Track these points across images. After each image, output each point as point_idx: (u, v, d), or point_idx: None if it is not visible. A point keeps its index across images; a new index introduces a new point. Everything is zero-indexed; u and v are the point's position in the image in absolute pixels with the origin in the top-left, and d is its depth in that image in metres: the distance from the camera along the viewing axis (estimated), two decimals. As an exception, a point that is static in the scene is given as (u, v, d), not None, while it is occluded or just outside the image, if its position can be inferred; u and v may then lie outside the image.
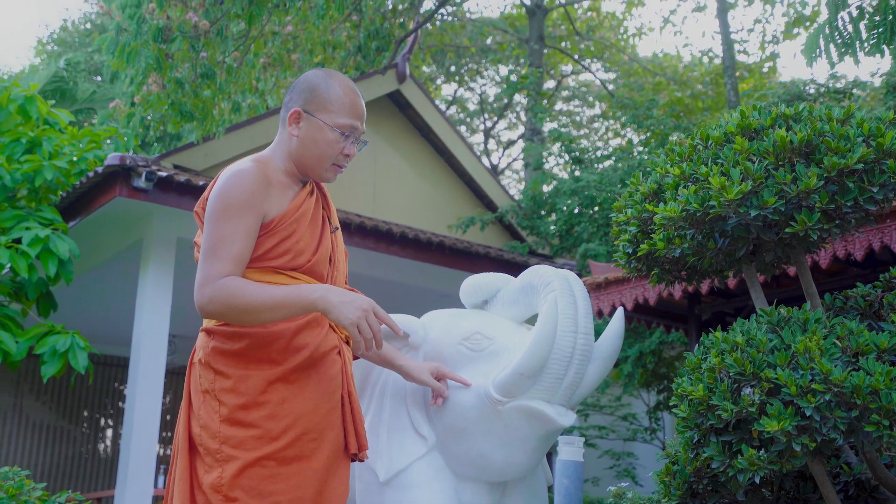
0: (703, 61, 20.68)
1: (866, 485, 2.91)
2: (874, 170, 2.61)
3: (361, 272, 9.48)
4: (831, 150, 2.59)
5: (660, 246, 2.83)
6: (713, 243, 2.80)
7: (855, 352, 2.47)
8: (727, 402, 2.44)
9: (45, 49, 23.11)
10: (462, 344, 3.05)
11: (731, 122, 2.79)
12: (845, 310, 3.02)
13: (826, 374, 2.31)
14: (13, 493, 4.50)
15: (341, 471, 2.55)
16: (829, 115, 2.75)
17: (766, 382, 2.40)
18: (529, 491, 3.23)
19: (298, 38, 10.44)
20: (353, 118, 2.60)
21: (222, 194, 2.46)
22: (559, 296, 2.90)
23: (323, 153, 2.59)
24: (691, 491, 2.86)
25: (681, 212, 2.69)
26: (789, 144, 2.62)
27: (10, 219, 7.63)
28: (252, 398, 2.42)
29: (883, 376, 2.31)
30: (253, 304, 2.36)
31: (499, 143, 24.66)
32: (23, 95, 8.21)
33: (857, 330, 2.50)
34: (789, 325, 2.53)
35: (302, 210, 2.57)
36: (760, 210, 2.58)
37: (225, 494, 2.37)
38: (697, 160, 2.79)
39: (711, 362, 2.52)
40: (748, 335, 2.52)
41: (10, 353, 7.12)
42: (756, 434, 2.44)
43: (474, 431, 2.95)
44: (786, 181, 2.58)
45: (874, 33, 4.04)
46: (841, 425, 2.32)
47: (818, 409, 2.32)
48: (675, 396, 2.66)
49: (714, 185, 2.59)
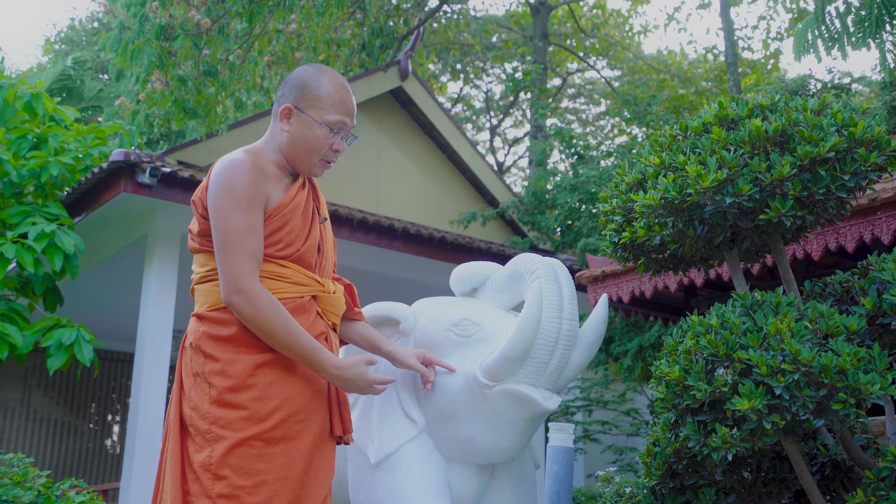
0: (708, 58, 20.71)
1: (842, 465, 2.99)
2: (846, 158, 2.68)
3: (364, 267, 9.58)
4: (804, 140, 2.67)
5: (641, 233, 2.92)
6: (692, 230, 2.88)
7: (825, 334, 2.55)
8: (701, 383, 2.52)
9: (52, 48, 23.24)
10: (451, 330, 3.13)
11: (710, 113, 2.87)
12: (823, 296, 3.10)
13: (795, 355, 2.39)
14: (18, 480, 4.60)
15: (326, 452, 2.64)
16: (805, 105, 2.83)
17: (738, 363, 2.48)
18: (517, 474, 3.32)
19: (302, 36, 10.53)
20: (343, 114, 2.68)
21: (227, 186, 2.54)
22: (544, 283, 2.98)
23: (312, 148, 2.67)
24: (671, 471, 2.94)
25: (660, 200, 2.77)
26: (764, 134, 2.70)
27: (16, 214, 7.74)
28: (240, 381, 2.52)
29: (850, 357, 2.39)
30: (273, 332, 2.50)
31: (505, 140, 24.73)
32: (29, 93, 8.32)
33: (827, 313, 2.58)
34: (762, 309, 2.61)
35: (295, 202, 2.66)
36: (735, 198, 2.66)
37: (214, 473, 2.46)
38: (677, 150, 2.87)
39: (687, 344, 2.61)
40: (723, 318, 2.61)
41: (16, 346, 7.23)
42: (730, 413, 2.52)
43: (462, 415, 3.03)
44: (760, 169, 2.66)
45: (860, 28, 4.11)
46: (810, 404, 2.40)
47: (787, 388, 2.40)
48: (653, 378, 2.74)
49: (691, 173, 2.67)
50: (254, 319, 2.48)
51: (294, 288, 2.63)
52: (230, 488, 2.45)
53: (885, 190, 5.24)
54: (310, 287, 2.66)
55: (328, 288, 2.73)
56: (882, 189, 5.24)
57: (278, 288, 2.59)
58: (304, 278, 2.65)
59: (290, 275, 2.63)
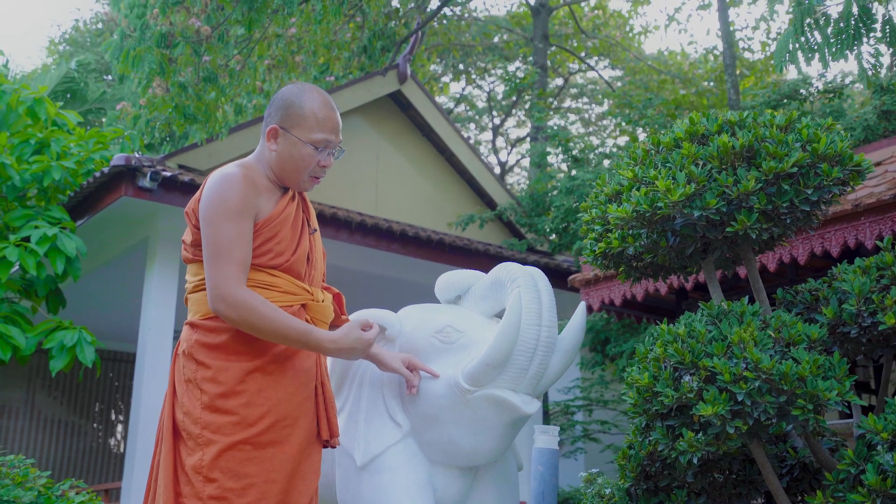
0: (709, 59, 20.78)
1: (810, 467, 3.10)
2: (809, 173, 2.79)
3: (363, 269, 9.70)
4: (770, 155, 2.78)
5: (615, 244, 3.03)
6: (665, 241, 2.99)
7: (787, 342, 2.66)
8: (669, 389, 2.63)
9: (56, 49, 23.37)
10: (434, 336, 3.24)
11: (681, 129, 2.98)
12: (794, 303, 3.21)
13: (756, 363, 2.50)
14: (19, 481, 4.71)
15: (313, 455, 2.76)
16: (772, 121, 2.94)
17: (703, 370, 2.59)
18: (500, 476, 3.42)
19: (302, 41, 10.63)
20: (327, 133, 2.79)
21: (219, 199, 2.66)
22: (523, 291, 3.09)
23: (299, 167, 2.78)
24: (645, 473, 3.05)
25: (632, 212, 2.89)
26: (732, 149, 2.81)
27: (19, 218, 7.87)
28: (231, 387, 2.63)
29: (810, 364, 2.50)
30: (265, 327, 2.60)
31: (507, 140, 24.82)
32: (32, 98, 8.45)
33: (790, 322, 2.69)
34: (727, 318, 2.72)
35: (285, 214, 2.78)
36: (703, 211, 2.77)
37: (205, 476, 2.58)
38: (650, 164, 2.98)
39: (656, 352, 2.72)
40: (690, 327, 2.72)
41: (19, 347, 7.36)
42: (696, 418, 2.63)
43: (445, 419, 3.14)
44: (727, 184, 2.77)
45: (839, 39, 4.21)
46: (771, 409, 2.51)
47: (749, 394, 2.51)
48: (625, 385, 2.85)
49: (661, 187, 2.78)
50: (242, 320, 2.59)
51: (284, 297, 2.75)
52: (220, 490, 2.56)
53: (870, 195, 5.35)
54: (299, 296, 2.78)
55: (317, 297, 2.85)
56: (868, 195, 5.35)
57: (269, 297, 2.70)
58: (294, 287, 2.77)
59: (281, 284, 2.74)
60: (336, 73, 12.34)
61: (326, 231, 8.86)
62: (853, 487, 2.55)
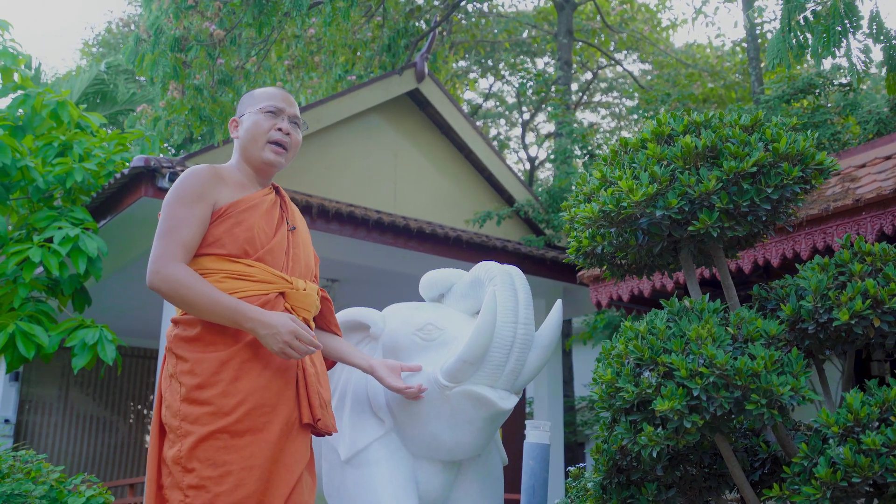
0: (737, 52, 20.65)
1: (781, 461, 3.14)
2: (770, 172, 2.84)
3: (381, 266, 9.80)
4: (731, 155, 2.83)
5: (585, 242, 3.10)
6: (634, 240, 3.06)
7: (745, 338, 2.71)
8: (630, 385, 2.70)
9: (90, 51, 23.71)
10: (416, 334, 3.34)
11: (647, 130, 3.04)
12: (768, 299, 3.26)
13: (711, 359, 2.57)
14: (33, 476, 4.87)
15: (298, 441, 2.84)
16: (737, 121, 2.99)
17: (661, 366, 2.66)
18: (483, 470, 3.51)
19: (322, 41, 10.75)
20: (276, 101, 2.99)
21: (175, 186, 2.84)
22: (500, 289, 3.17)
23: (254, 135, 2.96)
24: (617, 467, 3.12)
25: (598, 212, 2.95)
26: (694, 149, 2.87)
27: (44, 219, 8.06)
28: (206, 378, 2.74)
29: (764, 360, 2.56)
30: (195, 301, 2.70)
31: (539, 135, 24.80)
32: (55, 101, 8.63)
33: (749, 318, 2.75)
34: (688, 315, 2.78)
35: (254, 202, 2.90)
36: (665, 210, 2.83)
37: (184, 466, 2.69)
38: (617, 164, 3.05)
39: (619, 349, 2.79)
40: (651, 324, 2.78)
41: (42, 346, 7.55)
42: (657, 413, 2.70)
43: (426, 414, 3.24)
44: (689, 183, 2.83)
45: (826, 37, 4.23)
46: (726, 404, 2.57)
47: (705, 389, 2.58)
48: (592, 381, 2.92)
49: (623, 187, 2.85)
50: (174, 293, 2.71)
51: (260, 286, 2.84)
52: (198, 479, 2.67)
53: (867, 192, 5.35)
54: (276, 285, 2.87)
55: (297, 285, 2.93)
56: (865, 192, 5.36)
57: (244, 287, 2.80)
58: (270, 276, 2.86)
59: (256, 273, 2.84)
60: (358, 71, 12.44)
61: (345, 229, 8.97)
62: (808, 480, 2.61)
